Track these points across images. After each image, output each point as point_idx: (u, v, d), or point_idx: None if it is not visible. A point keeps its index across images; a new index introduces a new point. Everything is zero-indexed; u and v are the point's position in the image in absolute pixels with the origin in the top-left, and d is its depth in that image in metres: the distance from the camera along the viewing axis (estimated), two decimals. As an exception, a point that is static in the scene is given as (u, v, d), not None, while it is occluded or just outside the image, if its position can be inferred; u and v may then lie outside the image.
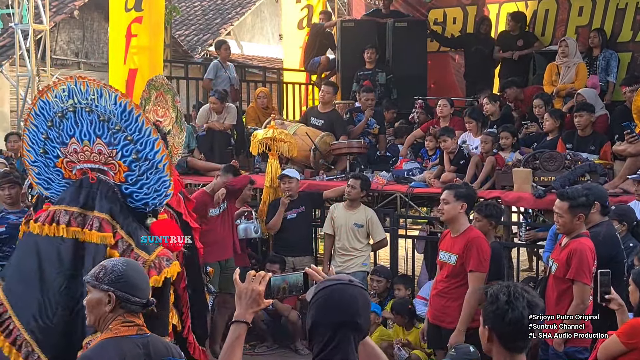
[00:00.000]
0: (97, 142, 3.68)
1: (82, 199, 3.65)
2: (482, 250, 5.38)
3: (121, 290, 2.91)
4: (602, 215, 5.39)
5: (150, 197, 3.75)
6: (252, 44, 20.73)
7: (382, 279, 7.46)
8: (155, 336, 3.05)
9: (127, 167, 3.70)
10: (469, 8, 11.57)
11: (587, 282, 4.83)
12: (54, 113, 3.70)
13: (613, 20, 10.03)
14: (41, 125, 3.74)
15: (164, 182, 3.68)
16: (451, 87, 11.49)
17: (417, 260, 8.48)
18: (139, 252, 3.65)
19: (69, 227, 3.61)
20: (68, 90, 3.66)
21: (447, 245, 5.57)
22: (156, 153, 3.66)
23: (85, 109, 3.64)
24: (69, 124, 3.69)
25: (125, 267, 2.97)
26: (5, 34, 15.83)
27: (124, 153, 3.69)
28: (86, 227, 3.60)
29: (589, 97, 8.07)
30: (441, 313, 5.55)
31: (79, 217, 3.62)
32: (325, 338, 2.45)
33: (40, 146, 3.78)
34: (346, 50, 10.93)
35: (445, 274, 5.55)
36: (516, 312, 2.59)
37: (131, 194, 3.75)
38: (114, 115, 3.62)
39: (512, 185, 7.35)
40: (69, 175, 3.82)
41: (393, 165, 8.96)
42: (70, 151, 3.74)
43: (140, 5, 9.10)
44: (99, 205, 3.65)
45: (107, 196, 3.69)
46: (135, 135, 3.65)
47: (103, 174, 3.73)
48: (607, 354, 3.91)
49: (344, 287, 2.51)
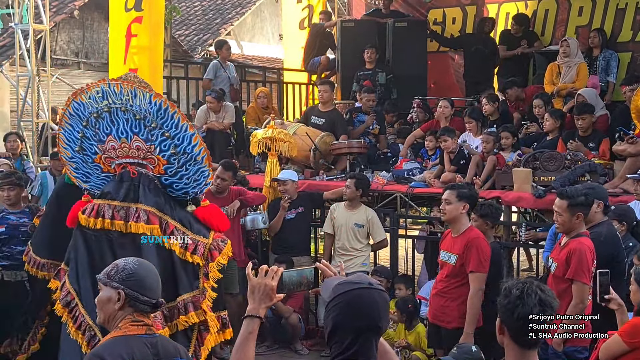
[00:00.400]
0: (134, 139, 3.88)
1: (122, 193, 3.82)
2: (482, 250, 5.39)
3: (131, 288, 2.92)
4: (603, 214, 5.41)
5: (190, 186, 3.95)
6: (252, 44, 20.73)
7: (383, 279, 7.43)
8: (164, 337, 3.05)
9: (166, 161, 3.90)
10: (468, 8, 11.57)
11: (586, 281, 4.83)
12: (89, 113, 3.88)
13: (613, 20, 10.03)
14: (76, 124, 3.92)
15: (203, 172, 3.90)
16: (451, 87, 11.49)
17: (417, 260, 8.48)
18: (197, 238, 3.86)
19: (114, 221, 3.79)
20: (102, 92, 3.84)
21: (447, 245, 5.58)
22: (194, 147, 3.86)
23: (120, 108, 3.81)
24: (105, 123, 3.88)
25: (137, 266, 2.98)
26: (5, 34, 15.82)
27: (162, 148, 3.88)
28: (131, 220, 3.77)
29: (589, 97, 8.08)
30: (440, 313, 5.56)
31: (122, 211, 3.80)
32: (346, 341, 2.46)
33: (77, 144, 3.97)
34: (346, 50, 10.93)
35: (445, 273, 5.56)
36: (526, 309, 2.60)
37: (171, 184, 3.95)
38: (150, 114, 3.81)
39: (512, 185, 7.35)
40: (107, 170, 4.01)
41: (393, 165, 8.96)
42: (108, 148, 3.94)
43: (140, 5, 9.09)
44: (144, 198, 3.83)
45: (150, 189, 3.87)
46: (172, 131, 3.85)
47: (142, 168, 3.88)
48: (608, 354, 3.91)
49: (364, 291, 2.51)
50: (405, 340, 6.74)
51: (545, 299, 2.63)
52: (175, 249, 3.84)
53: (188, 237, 3.86)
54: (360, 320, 2.46)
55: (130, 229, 3.78)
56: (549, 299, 2.64)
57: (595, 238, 5.13)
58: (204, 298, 3.91)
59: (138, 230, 3.77)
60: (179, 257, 3.85)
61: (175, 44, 17.06)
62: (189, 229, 3.88)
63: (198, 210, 3.97)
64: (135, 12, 9.14)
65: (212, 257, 3.89)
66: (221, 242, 3.96)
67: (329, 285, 2.62)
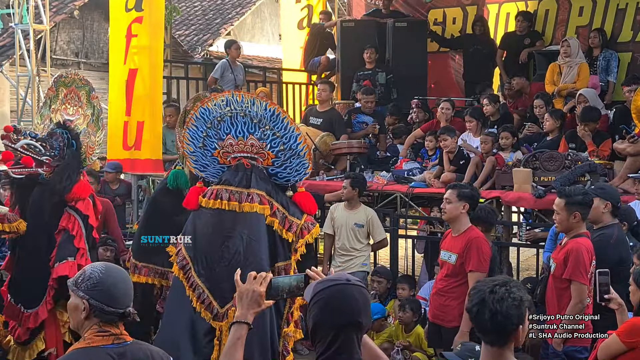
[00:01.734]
0: (249, 137, 4.76)
1: (238, 180, 4.69)
2: (482, 250, 5.39)
3: (95, 299, 2.80)
4: (612, 216, 5.34)
5: (292, 175, 4.82)
6: (252, 44, 20.72)
7: (383, 280, 7.45)
8: (138, 344, 2.93)
9: (274, 155, 4.77)
10: (468, 8, 11.57)
11: (583, 281, 4.84)
12: (213, 117, 4.78)
13: (613, 20, 10.04)
14: (201, 126, 4.82)
15: (303, 164, 4.80)
16: (451, 87, 11.49)
17: (417, 260, 8.48)
18: (292, 219, 4.73)
19: (230, 202, 4.66)
20: (226, 100, 4.78)
21: (448, 244, 5.58)
22: (299, 144, 4.77)
23: (240, 114, 4.74)
24: (225, 124, 4.79)
25: (103, 275, 2.84)
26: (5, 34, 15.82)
27: (272, 145, 4.76)
28: (245, 202, 4.64)
29: (589, 97, 8.08)
30: (440, 312, 5.56)
31: (237, 194, 4.66)
32: (328, 339, 2.47)
33: (200, 142, 4.85)
34: (346, 50, 10.92)
35: (445, 272, 5.57)
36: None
37: (276, 174, 4.82)
38: (264, 118, 4.72)
39: (512, 185, 7.35)
40: (224, 162, 4.87)
41: (393, 165, 8.96)
42: (226, 144, 4.82)
43: (140, 5, 9.10)
44: (256, 185, 4.69)
45: (260, 178, 4.74)
46: (282, 132, 4.74)
47: (254, 161, 4.78)
48: (607, 353, 3.91)
49: (343, 287, 2.52)
50: (407, 341, 6.73)
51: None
52: (275, 224, 4.69)
53: (285, 216, 4.74)
54: (340, 316, 2.47)
55: (244, 208, 4.65)
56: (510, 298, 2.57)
57: (604, 240, 5.12)
58: (290, 268, 4.74)
59: (252, 209, 4.65)
60: (278, 233, 4.72)
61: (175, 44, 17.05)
62: (287, 211, 4.75)
63: (295, 195, 4.84)
64: (136, 12, 9.15)
65: (302, 235, 4.75)
66: (311, 224, 4.81)
67: (310, 287, 2.62)
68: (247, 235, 4.63)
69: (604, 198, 5.28)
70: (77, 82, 6.29)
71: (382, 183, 8.26)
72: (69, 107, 6.21)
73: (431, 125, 9.15)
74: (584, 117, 7.62)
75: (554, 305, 5.00)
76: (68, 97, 6.24)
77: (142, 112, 9.22)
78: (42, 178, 5.44)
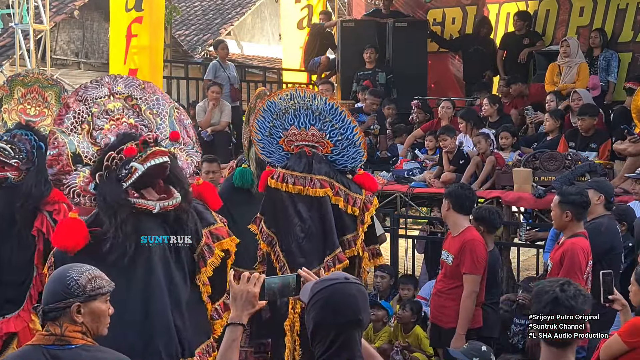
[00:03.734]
0: (311, 128, 5.15)
1: (302, 166, 5.09)
2: (476, 252, 5.32)
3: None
4: (605, 209, 5.44)
5: (349, 162, 5.19)
6: (252, 44, 20.73)
7: (386, 275, 7.42)
8: (83, 350, 2.86)
9: (333, 144, 5.16)
10: (468, 8, 11.56)
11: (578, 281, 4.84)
12: (279, 109, 5.16)
13: (614, 20, 10.04)
14: (268, 117, 5.20)
15: (359, 153, 5.17)
16: (451, 87, 11.49)
17: (417, 260, 8.48)
18: (355, 195, 5.10)
19: (295, 186, 5.06)
20: (290, 95, 5.16)
21: (447, 244, 5.58)
22: (355, 135, 5.14)
23: (303, 107, 5.12)
24: (289, 116, 5.16)
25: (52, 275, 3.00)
26: (6, 34, 15.83)
27: (331, 135, 5.14)
28: (308, 186, 5.04)
29: (584, 96, 8.10)
30: (439, 312, 5.57)
31: (301, 179, 5.06)
32: (329, 338, 2.47)
33: (267, 131, 5.24)
34: (346, 50, 10.92)
35: (444, 273, 5.57)
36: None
37: (334, 160, 5.19)
38: (324, 111, 5.11)
39: (512, 185, 7.34)
40: (288, 149, 5.24)
41: (393, 165, 8.96)
42: (290, 134, 5.19)
43: (140, 5, 9.11)
44: (317, 170, 5.08)
45: (321, 163, 5.12)
46: (340, 124, 5.13)
47: (314, 149, 5.16)
48: (609, 354, 3.91)
49: (342, 285, 2.52)
50: (406, 341, 6.72)
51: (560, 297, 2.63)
52: (340, 203, 5.07)
53: (347, 194, 5.12)
54: (341, 315, 2.47)
55: (308, 192, 5.06)
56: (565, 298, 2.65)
57: (595, 228, 5.18)
58: (358, 237, 5.14)
59: (316, 193, 5.06)
60: (343, 209, 5.10)
61: (175, 44, 17.06)
62: (348, 189, 5.13)
63: (355, 177, 5.21)
64: (136, 12, 9.15)
65: (366, 208, 5.14)
66: (371, 196, 5.22)
67: (307, 287, 2.62)
68: (315, 216, 5.04)
69: (598, 190, 5.38)
70: (41, 81, 6.11)
71: (382, 183, 8.26)
72: (29, 107, 6.01)
73: (431, 125, 9.15)
74: (580, 111, 7.66)
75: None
76: (28, 97, 6.04)
77: (142, 112, 9.22)
78: (9, 182, 5.06)
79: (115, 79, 4.57)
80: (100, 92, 4.45)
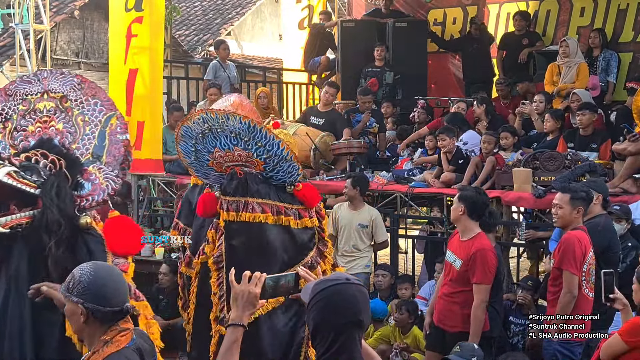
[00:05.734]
0: (235, 149, 4.78)
1: (233, 189, 4.74)
2: (487, 262, 5.27)
3: (90, 302, 2.77)
4: (602, 208, 5.51)
5: (286, 177, 4.85)
6: (252, 44, 20.72)
7: (387, 274, 7.42)
8: (137, 332, 2.96)
9: (263, 162, 4.80)
10: (469, 8, 11.57)
11: (573, 271, 4.87)
12: (196, 134, 4.80)
13: (614, 20, 10.05)
14: (188, 141, 4.88)
15: (294, 167, 4.82)
16: (451, 87, 11.50)
17: (417, 260, 8.47)
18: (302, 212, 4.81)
19: (229, 212, 4.70)
20: (202, 119, 4.75)
21: (455, 246, 5.48)
22: (282, 150, 4.78)
23: (218, 129, 4.73)
24: (209, 139, 4.80)
25: (92, 277, 2.80)
26: (6, 34, 15.82)
27: (258, 153, 4.78)
28: (243, 211, 4.68)
29: (583, 96, 8.10)
30: (444, 317, 5.50)
31: (233, 204, 4.71)
32: (329, 339, 2.46)
33: (192, 155, 4.93)
34: (346, 50, 10.93)
35: (450, 276, 5.48)
36: None
37: (270, 177, 4.86)
38: (242, 131, 4.72)
39: (512, 185, 7.34)
40: (221, 170, 4.89)
41: (393, 165, 8.95)
42: (216, 156, 4.84)
43: (140, 5, 9.10)
44: (255, 191, 4.75)
45: (256, 182, 4.78)
46: (263, 141, 4.75)
47: (247, 168, 4.81)
48: (609, 353, 3.91)
49: (343, 286, 2.51)
50: (404, 342, 6.72)
51: None
52: (291, 222, 4.80)
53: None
54: (341, 316, 2.47)
55: (243, 218, 4.70)
56: None
57: (592, 228, 5.21)
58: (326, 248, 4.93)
59: (255, 219, 4.71)
60: (296, 227, 4.82)
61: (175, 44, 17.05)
62: (294, 204, 4.87)
63: (295, 192, 4.89)
64: (136, 12, 9.14)
65: (321, 216, 4.94)
66: (319, 209, 5.01)
67: (308, 287, 2.62)
68: (254, 245, 4.69)
69: (597, 191, 5.45)
70: None
71: (382, 183, 8.25)
72: None
73: (438, 124, 9.12)
74: (580, 106, 7.68)
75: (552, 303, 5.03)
76: None
77: (142, 112, 9.22)
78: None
79: (54, 74, 4.01)
80: (34, 87, 3.94)
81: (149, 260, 7.94)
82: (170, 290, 7.52)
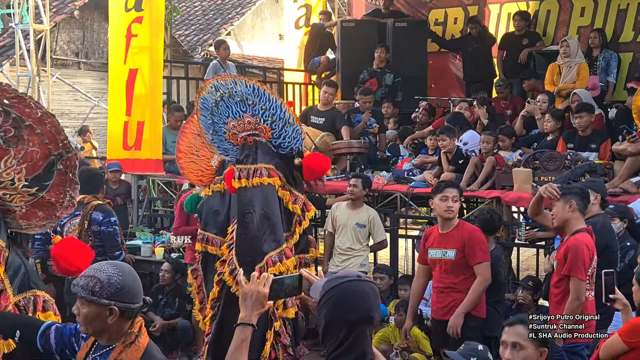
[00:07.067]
0: (245, 116, 5.05)
1: (244, 157, 4.97)
2: (481, 241, 5.53)
3: (122, 302, 2.84)
4: (601, 208, 5.54)
5: (292, 143, 5.07)
6: (252, 44, 20.71)
7: (385, 276, 7.42)
8: None
9: (270, 128, 5.03)
10: (470, 8, 11.57)
11: (581, 277, 4.82)
12: (211, 105, 5.11)
13: (615, 20, 10.05)
14: (206, 115, 5.17)
15: (297, 130, 5.07)
16: (451, 87, 11.50)
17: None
18: (297, 193, 5.05)
19: (240, 180, 4.93)
20: (214, 86, 5.07)
21: (437, 242, 5.57)
22: (284, 112, 5.02)
23: (228, 95, 5.02)
24: (222, 108, 5.09)
25: (122, 277, 2.87)
26: (6, 34, 15.83)
27: (264, 118, 5.03)
28: (254, 177, 4.89)
29: (583, 96, 8.10)
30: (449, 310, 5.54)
31: (244, 171, 4.94)
32: (341, 335, 2.50)
33: (211, 129, 5.21)
34: (346, 50, 10.93)
35: (444, 269, 5.55)
36: None
37: (279, 145, 5.07)
38: (249, 94, 4.99)
39: (512, 185, 7.34)
40: (237, 143, 5.15)
41: (393, 165, 8.95)
42: (230, 127, 5.13)
43: (140, 5, 9.11)
44: (263, 159, 4.96)
45: (267, 152, 5.00)
46: (267, 104, 5.01)
47: (257, 137, 5.04)
48: (609, 353, 3.91)
49: (354, 283, 2.56)
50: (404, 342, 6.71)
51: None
52: (285, 197, 4.99)
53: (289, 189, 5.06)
54: (353, 313, 2.51)
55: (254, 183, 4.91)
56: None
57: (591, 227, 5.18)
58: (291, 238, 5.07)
59: (264, 182, 4.90)
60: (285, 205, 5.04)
61: (175, 44, 17.06)
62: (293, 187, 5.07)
63: (304, 160, 5.06)
64: (135, 12, 9.16)
65: (307, 209, 5.13)
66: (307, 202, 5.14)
67: (318, 285, 2.64)
68: (261, 209, 4.87)
69: (595, 191, 5.47)
70: None
71: (382, 183, 8.25)
72: None
73: (442, 124, 9.11)
74: (578, 108, 7.68)
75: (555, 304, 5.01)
76: None
77: (142, 112, 9.23)
78: None
79: None
80: None
81: (149, 260, 7.94)
82: (170, 289, 7.54)
